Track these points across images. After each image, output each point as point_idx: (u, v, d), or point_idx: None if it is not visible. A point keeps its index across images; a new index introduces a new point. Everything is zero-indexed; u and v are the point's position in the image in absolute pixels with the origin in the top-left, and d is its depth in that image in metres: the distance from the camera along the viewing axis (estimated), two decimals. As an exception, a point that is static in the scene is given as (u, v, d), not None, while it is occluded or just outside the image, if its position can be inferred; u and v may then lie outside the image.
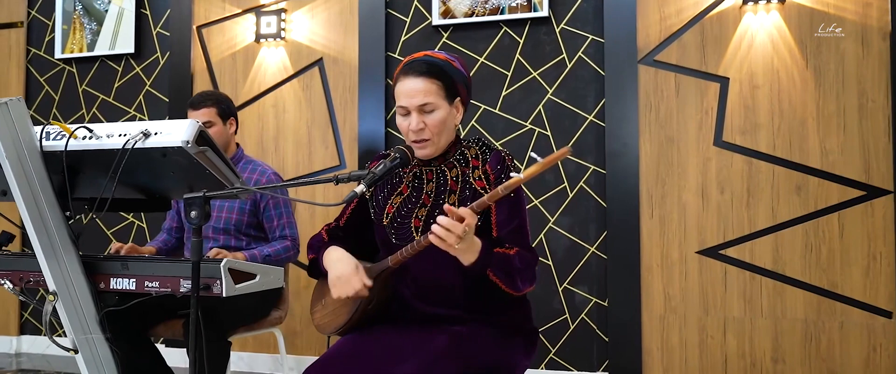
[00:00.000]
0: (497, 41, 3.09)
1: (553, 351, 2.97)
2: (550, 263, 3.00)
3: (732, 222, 2.81)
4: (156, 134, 1.71)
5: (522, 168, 1.28)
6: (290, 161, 3.35)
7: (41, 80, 3.73)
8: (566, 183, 2.99)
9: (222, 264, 1.83)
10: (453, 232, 1.30)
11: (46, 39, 3.73)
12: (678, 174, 2.88)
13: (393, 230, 1.57)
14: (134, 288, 1.91)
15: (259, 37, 3.32)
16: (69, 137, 1.74)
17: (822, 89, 2.72)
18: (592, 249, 2.96)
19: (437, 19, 3.11)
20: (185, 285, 1.88)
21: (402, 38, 3.21)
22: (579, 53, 3.00)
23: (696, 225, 2.85)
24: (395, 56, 3.20)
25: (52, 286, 1.77)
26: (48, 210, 1.74)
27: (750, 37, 2.81)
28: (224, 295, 1.84)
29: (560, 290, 2.99)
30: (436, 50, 1.62)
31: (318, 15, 3.32)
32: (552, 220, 3.00)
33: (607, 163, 2.93)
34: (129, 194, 1.93)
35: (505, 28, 3.08)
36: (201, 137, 1.73)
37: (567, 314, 2.97)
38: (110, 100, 3.61)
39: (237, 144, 2.59)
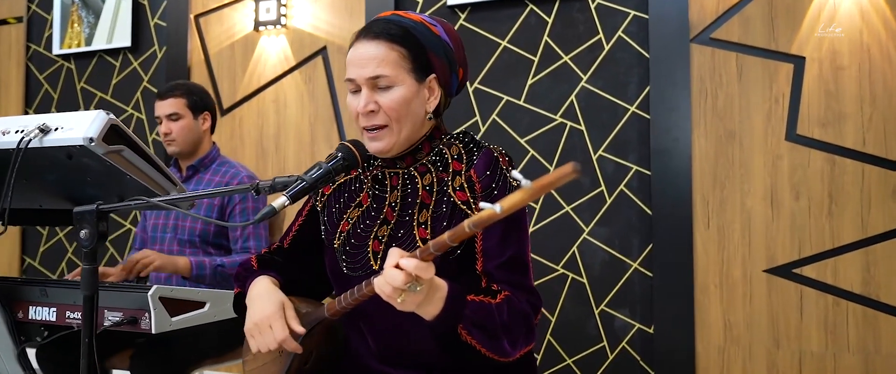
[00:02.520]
0: (522, 21, 2.65)
1: (588, 386, 2.52)
2: (585, 281, 2.54)
3: (810, 234, 2.29)
4: (56, 130, 1.36)
5: (520, 178, 0.76)
6: (291, 161, 3.00)
7: (40, 78, 3.52)
8: (603, 187, 2.53)
9: (150, 292, 1.47)
10: (389, 284, 0.89)
11: (45, 35, 3.52)
12: (741, 176, 2.37)
13: (345, 256, 1.17)
14: (54, 319, 1.58)
15: (258, 24, 2.99)
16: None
17: (927, 69, 2.17)
18: (635, 265, 2.48)
19: (452, -2, 2.70)
20: (111, 317, 1.54)
21: (414, 22, 2.81)
22: (619, 33, 2.53)
23: (763, 238, 2.34)
24: (406, 42, 2.80)
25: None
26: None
27: (832, 6, 2.28)
28: (154, 332, 1.49)
29: (596, 313, 2.52)
30: (423, 14, 1.21)
31: (322, -2, 2.97)
32: (587, 230, 2.54)
33: (653, 162, 2.45)
34: (40, 203, 1.59)
35: (531, 6, 2.64)
36: (114, 134, 1.37)
37: (605, 342, 2.51)
38: (108, 97, 3.36)
39: (213, 143, 2.25)
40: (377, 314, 1.11)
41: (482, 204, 0.76)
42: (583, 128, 2.56)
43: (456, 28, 2.72)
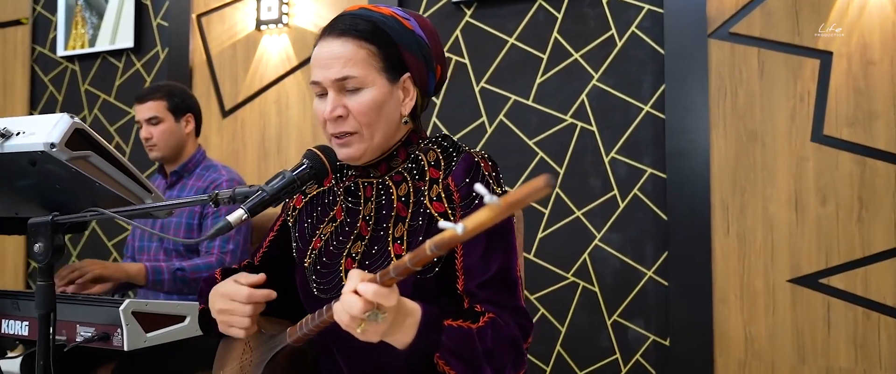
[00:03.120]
0: (530, 18, 2.53)
1: (600, 400, 2.39)
2: (597, 289, 2.41)
3: (838, 241, 2.14)
4: (17, 135, 1.28)
5: (484, 193, 0.62)
6: (293, 163, 2.91)
7: (45, 80, 3.48)
8: (616, 190, 2.40)
9: (122, 307, 1.39)
10: (349, 313, 0.78)
11: (50, 36, 3.48)
12: (763, 179, 2.23)
13: (315, 276, 1.06)
14: (27, 334, 1.51)
15: (260, 23, 2.91)
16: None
17: (966, 63, 2.01)
18: (650, 273, 2.35)
19: (457, -6, 2.59)
20: (83, 333, 1.45)
21: (419, 19, 2.70)
22: (632, 28, 2.39)
23: (787, 245, 2.19)
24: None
25: None
26: None
27: (861, -3, 2.12)
28: (126, 349, 1.40)
29: (609, 324, 2.39)
30: (394, 8, 1.09)
31: (324, -5, 2.87)
32: (599, 236, 2.41)
33: (668, 165, 2.31)
34: (17, 211, 1.52)
35: (539, 1, 2.52)
36: (79, 138, 1.28)
37: (618, 354, 2.38)
38: (111, 99, 3.30)
39: (198, 146, 2.17)
40: (349, 334, 1.01)
41: (441, 223, 0.65)
42: (594, 129, 2.44)
43: (461, 25, 2.61)
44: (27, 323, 1.49)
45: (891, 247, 2.08)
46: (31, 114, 3.51)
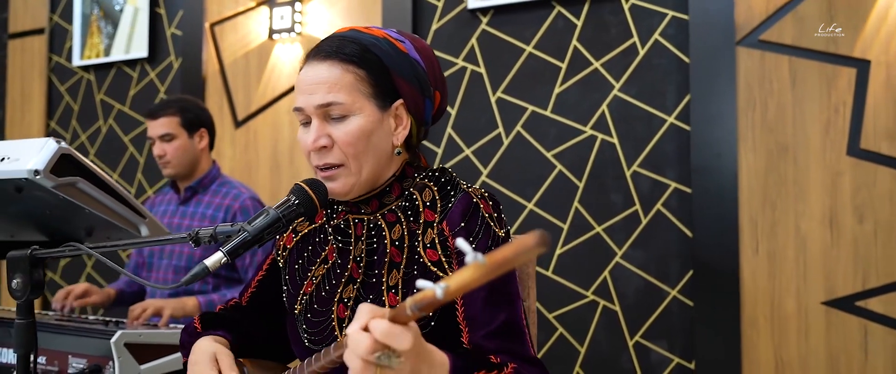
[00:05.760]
0: (549, 25, 2.44)
1: (621, 425, 2.28)
2: (618, 309, 2.31)
3: (876, 262, 2.01)
4: (2, 160, 1.22)
5: (468, 250, 0.55)
6: (305, 176, 2.82)
7: (62, 89, 3.48)
8: (638, 205, 2.29)
9: (114, 338, 1.33)
10: (354, 353, 0.67)
11: (66, 46, 3.48)
12: (795, 195, 2.11)
13: (306, 325, 0.98)
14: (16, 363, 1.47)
15: (272, 32, 2.86)
16: None
17: None
18: (674, 292, 2.24)
19: (473, 1, 2.51)
20: (75, 365, 1.40)
21: (434, 27, 2.63)
22: (656, 36, 2.29)
23: (821, 266, 2.07)
24: (425, 49, 2.62)
25: None
26: None
27: (902, 2, 1.99)
28: (119, 382, 1.35)
29: (630, 345, 2.29)
30: (388, 29, 1.01)
31: (336, 4, 2.81)
32: (620, 253, 2.31)
33: (694, 179, 2.20)
34: (11, 234, 1.47)
35: (558, 7, 2.42)
36: (66, 164, 1.23)
37: (640, 377, 2.27)
38: (126, 109, 3.28)
39: (213, 162, 2.12)
40: None
41: (419, 282, 0.56)
42: (615, 141, 2.33)
43: (478, 33, 2.53)
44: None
45: (934, 269, 1.95)
46: (48, 124, 3.51)
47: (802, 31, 2.10)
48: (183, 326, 1.70)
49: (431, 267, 0.90)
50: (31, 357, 1.05)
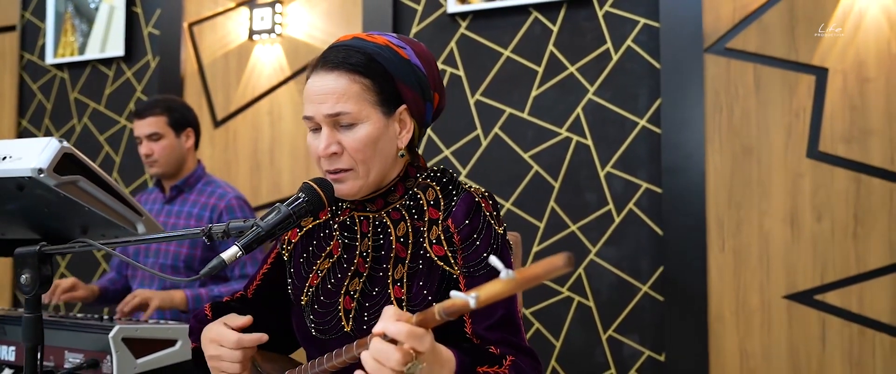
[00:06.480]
0: (526, 30, 2.52)
1: (595, 416, 2.38)
2: (592, 304, 2.40)
3: (833, 258, 2.13)
4: (3, 159, 1.25)
5: (500, 266, 0.62)
6: (286, 177, 2.88)
7: (34, 88, 3.43)
8: (611, 205, 2.39)
9: (112, 333, 1.36)
10: (385, 366, 0.73)
11: (39, 44, 3.43)
12: (759, 195, 2.22)
13: (313, 316, 1.04)
14: (14, 359, 1.48)
15: (252, 33, 2.89)
16: None
17: (961, 81, 2.01)
18: (645, 288, 2.34)
19: (452, 6, 2.57)
20: (72, 360, 1.42)
21: (413, 31, 2.68)
22: (628, 42, 2.39)
23: (782, 262, 2.19)
24: (405, 51, 2.67)
25: None
26: None
27: (857, 13, 2.12)
28: (117, 376, 1.37)
29: (604, 339, 2.38)
30: (388, 36, 1.07)
31: (317, 6, 2.85)
32: (594, 251, 2.40)
33: (664, 180, 2.30)
34: (3, 232, 1.49)
35: (535, 13, 2.51)
36: (68, 163, 1.26)
37: (612, 370, 2.36)
38: (101, 108, 3.26)
39: (198, 161, 2.14)
40: None
41: (454, 293, 0.63)
42: (590, 143, 2.43)
43: (457, 37, 2.60)
44: (14, 348, 1.46)
45: (886, 264, 2.08)
46: (20, 122, 3.47)
47: (766, 39, 2.22)
48: (168, 320, 1.73)
49: (438, 262, 0.97)
50: (39, 351, 1.08)
